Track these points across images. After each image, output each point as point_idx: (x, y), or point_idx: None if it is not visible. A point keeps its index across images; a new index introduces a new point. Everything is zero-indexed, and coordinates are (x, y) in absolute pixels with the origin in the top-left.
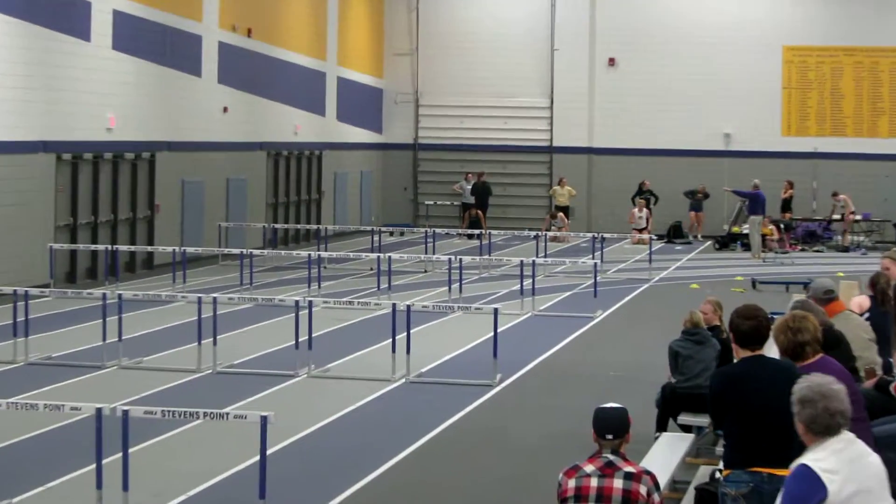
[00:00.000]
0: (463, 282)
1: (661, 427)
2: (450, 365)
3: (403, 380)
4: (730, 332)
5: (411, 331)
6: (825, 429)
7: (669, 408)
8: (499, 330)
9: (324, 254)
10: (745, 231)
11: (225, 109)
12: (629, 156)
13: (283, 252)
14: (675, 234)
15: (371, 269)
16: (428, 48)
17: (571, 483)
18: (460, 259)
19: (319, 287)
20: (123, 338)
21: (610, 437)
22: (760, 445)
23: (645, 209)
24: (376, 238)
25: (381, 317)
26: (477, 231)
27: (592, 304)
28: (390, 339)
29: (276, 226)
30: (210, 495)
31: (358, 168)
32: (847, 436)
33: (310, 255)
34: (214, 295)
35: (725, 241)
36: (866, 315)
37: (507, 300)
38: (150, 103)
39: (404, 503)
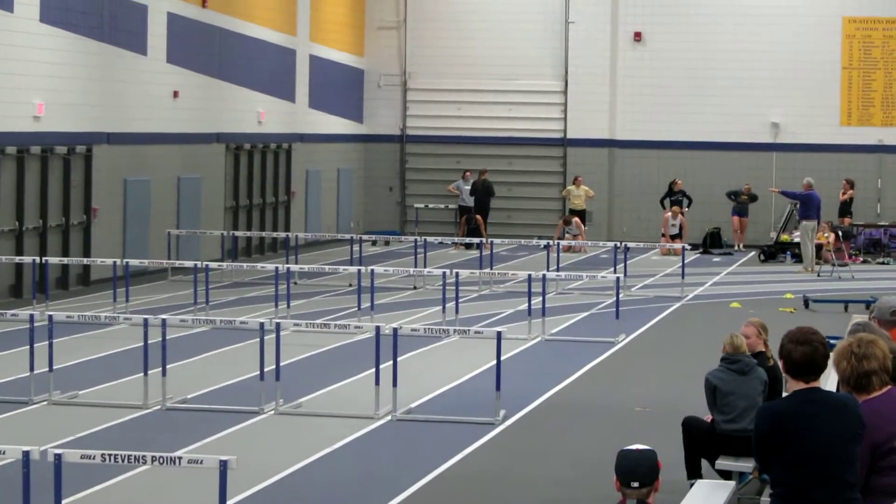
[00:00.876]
0: (460, 300)
1: (694, 473)
2: (444, 399)
3: (389, 417)
4: (780, 360)
5: (398, 359)
6: None
7: (706, 451)
8: (502, 358)
9: (294, 267)
10: (796, 239)
11: (175, 94)
12: (658, 149)
13: (245, 265)
14: (712, 242)
15: (350, 286)
16: (418, 20)
17: None
18: (456, 273)
19: (289, 307)
20: (55, 367)
21: (636, 485)
22: (814, 495)
23: (679, 216)
24: (356, 248)
25: (362, 342)
26: (476, 240)
27: (614, 327)
28: (373, 369)
29: (237, 233)
30: None
31: (334, 164)
32: None
33: (277, 268)
34: (163, 316)
35: (772, 252)
36: None
37: (513, 322)
38: (85, 87)
39: None
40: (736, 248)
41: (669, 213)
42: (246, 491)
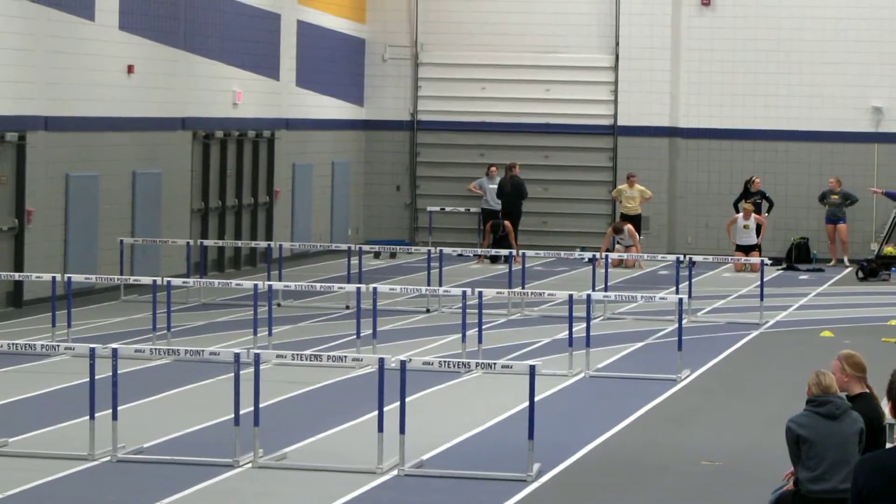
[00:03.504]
0: (484, 327)
1: None
2: (463, 450)
3: (395, 472)
4: (887, 402)
5: (407, 399)
6: None
7: None
8: (537, 398)
9: (277, 285)
10: None
11: (130, 69)
12: (731, 140)
13: (216, 282)
14: (798, 256)
15: (347, 308)
16: None
17: None
18: (480, 293)
19: (270, 334)
20: None
21: None
22: None
23: (753, 215)
24: (355, 261)
25: (361, 378)
26: (504, 251)
27: (675, 361)
28: (375, 412)
29: (207, 243)
30: None
31: (328, 157)
32: None
33: (256, 286)
34: (114, 345)
35: (873, 268)
36: None
37: (550, 354)
38: (18, 60)
39: None
40: (832, 262)
41: (740, 215)
42: None
